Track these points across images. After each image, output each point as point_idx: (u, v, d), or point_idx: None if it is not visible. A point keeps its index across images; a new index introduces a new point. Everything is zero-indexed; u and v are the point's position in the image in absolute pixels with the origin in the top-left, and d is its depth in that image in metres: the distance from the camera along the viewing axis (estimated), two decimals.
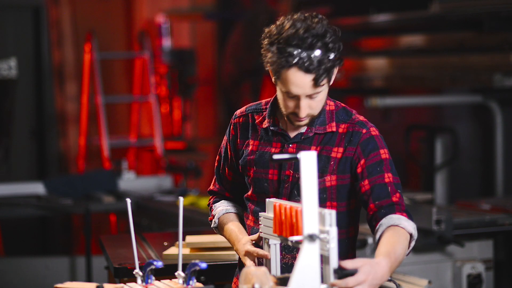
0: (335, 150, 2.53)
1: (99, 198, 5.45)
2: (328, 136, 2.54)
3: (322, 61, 2.37)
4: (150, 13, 7.49)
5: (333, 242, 2.10)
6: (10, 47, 7.36)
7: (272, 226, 2.33)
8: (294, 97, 2.43)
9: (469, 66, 4.94)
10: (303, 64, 2.36)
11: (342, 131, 2.55)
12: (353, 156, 2.51)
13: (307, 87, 2.39)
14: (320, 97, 2.45)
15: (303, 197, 2.11)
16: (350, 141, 2.53)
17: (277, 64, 2.40)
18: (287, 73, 2.38)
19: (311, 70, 2.36)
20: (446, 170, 5.28)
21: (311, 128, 2.54)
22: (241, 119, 2.66)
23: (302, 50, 2.37)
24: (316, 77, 2.36)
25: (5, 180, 6.24)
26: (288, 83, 2.39)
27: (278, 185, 2.56)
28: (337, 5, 6.29)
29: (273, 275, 2.31)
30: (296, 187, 2.53)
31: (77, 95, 7.46)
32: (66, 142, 7.52)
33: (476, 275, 4.06)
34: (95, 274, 5.03)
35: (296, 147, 2.55)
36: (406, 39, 5.51)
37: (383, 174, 2.52)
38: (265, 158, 2.58)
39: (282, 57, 2.38)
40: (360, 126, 2.56)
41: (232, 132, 2.67)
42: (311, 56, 2.36)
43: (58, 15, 7.47)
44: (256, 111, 2.65)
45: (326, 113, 2.56)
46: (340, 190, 2.53)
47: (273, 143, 2.58)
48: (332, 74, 2.44)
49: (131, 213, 2.41)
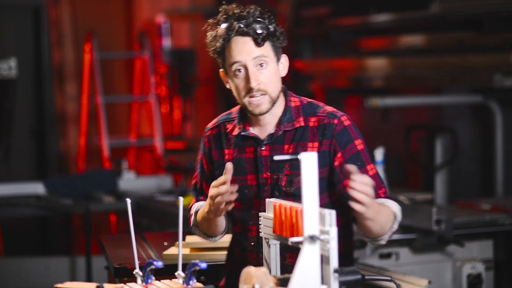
0: (310, 146, 2.56)
1: (99, 198, 5.45)
2: (299, 132, 2.57)
3: (259, 26, 2.49)
4: (150, 13, 7.49)
5: (333, 242, 2.10)
6: (10, 47, 7.36)
7: (272, 226, 2.34)
8: (243, 70, 2.50)
9: (469, 66, 4.94)
10: (242, 30, 2.49)
11: (313, 124, 2.58)
12: (330, 149, 2.55)
13: (250, 50, 2.48)
14: (269, 72, 2.51)
15: (304, 197, 2.11)
16: (323, 134, 2.56)
17: (221, 43, 2.51)
18: (230, 45, 2.50)
19: (250, 33, 2.48)
20: (446, 170, 5.28)
21: (279, 126, 2.57)
22: (214, 130, 2.68)
23: (239, 21, 2.50)
24: (255, 37, 2.48)
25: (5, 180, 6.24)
26: (233, 53, 2.50)
27: (258, 189, 2.58)
28: (337, 5, 6.29)
29: (273, 276, 2.31)
30: (276, 188, 2.56)
31: (77, 95, 7.46)
32: (66, 142, 7.52)
33: (476, 275, 4.06)
34: (95, 274, 5.03)
35: (269, 148, 2.58)
36: (406, 39, 5.51)
37: (365, 168, 2.56)
38: (241, 165, 2.60)
39: (223, 35, 2.50)
40: (330, 117, 2.59)
41: (207, 145, 2.68)
42: (248, 23, 2.49)
43: (58, 15, 7.47)
44: (227, 121, 2.68)
45: (292, 110, 2.60)
46: (320, 183, 2.55)
47: (246, 148, 2.61)
48: (278, 49, 2.54)
49: (131, 213, 2.42)
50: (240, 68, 2.51)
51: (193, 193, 2.76)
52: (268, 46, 2.51)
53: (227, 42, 2.52)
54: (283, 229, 2.26)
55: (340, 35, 6.43)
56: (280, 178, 2.56)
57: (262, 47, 2.50)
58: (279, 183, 2.56)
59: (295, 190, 2.55)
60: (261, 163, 2.58)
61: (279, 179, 2.56)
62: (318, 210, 2.12)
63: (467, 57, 4.98)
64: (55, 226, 7.42)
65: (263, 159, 2.58)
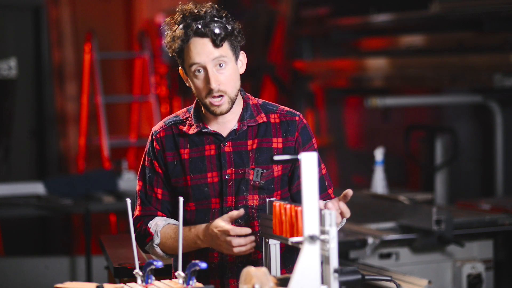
0: (275, 141, 2.60)
1: (99, 198, 5.45)
2: (262, 128, 2.61)
3: (217, 26, 2.51)
4: (150, 13, 7.49)
5: (333, 242, 2.10)
6: (10, 47, 7.36)
7: (272, 226, 2.34)
8: (202, 71, 2.51)
9: (469, 66, 4.94)
10: (200, 31, 2.50)
11: (274, 121, 2.63)
12: (295, 145, 2.61)
13: (209, 51, 2.50)
14: (228, 72, 2.53)
15: (304, 197, 2.11)
16: (288, 130, 2.62)
17: (179, 44, 2.52)
18: (189, 47, 2.51)
19: (208, 34, 2.49)
20: (446, 170, 5.28)
21: (242, 122, 2.60)
22: (163, 133, 2.66)
23: (197, 21, 2.51)
24: (214, 38, 2.49)
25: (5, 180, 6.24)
26: (191, 55, 2.51)
27: (221, 186, 2.58)
28: (337, 5, 6.29)
29: (273, 276, 2.31)
30: (243, 183, 2.57)
31: (77, 95, 7.46)
32: (66, 142, 7.52)
33: (476, 275, 4.06)
34: (95, 274, 5.03)
35: (232, 144, 2.59)
36: (406, 39, 5.51)
37: (320, 166, 2.65)
38: (200, 163, 2.59)
39: (181, 36, 2.51)
40: (291, 115, 2.65)
41: (157, 148, 2.64)
42: (206, 23, 2.50)
43: (58, 15, 7.47)
44: (176, 123, 2.66)
45: (252, 107, 2.63)
46: (283, 178, 2.62)
47: (206, 145, 2.60)
48: (236, 47, 2.56)
49: (131, 213, 2.42)
50: (199, 68, 2.52)
51: (140, 200, 2.68)
52: (227, 46, 2.53)
53: (185, 43, 2.52)
54: (283, 230, 2.27)
55: (340, 35, 6.43)
56: (247, 172, 2.57)
57: (221, 48, 2.51)
58: (246, 177, 2.57)
59: (264, 184, 2.58)
60: (224, 159, 2.58)
61: (245, 173, 2.57)
62: (318, 210, 2.12)
63: (467, 57, 4.98)
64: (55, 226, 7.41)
65: (227, 155, 2.58)
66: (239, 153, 2.59)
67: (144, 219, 2.66)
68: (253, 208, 2.58)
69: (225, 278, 2.59)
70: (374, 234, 3.99)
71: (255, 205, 2.58)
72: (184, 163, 2.60)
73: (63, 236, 7.39)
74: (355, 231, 4.06)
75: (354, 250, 3.91)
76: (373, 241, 3.90)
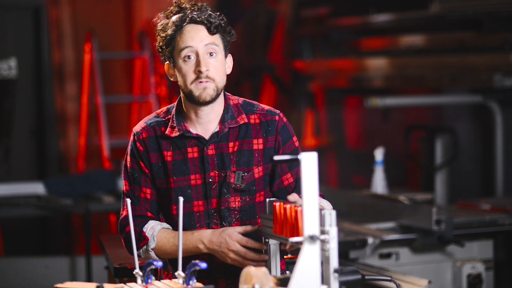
0: (255, 142, 2.61)
1: (99, 198, 5.45)
2: (243, 130, 2.61)
3: (212, 16, 2.57)
4: (150, 13, 7.48)
5: (333, 242, 2.10)
6: (10, 47, 7.36)
7: (272, 226, 2.34)
8: (192, 57, 2.54)
9: (469, 66, 4.94)
10: (195, 19, 2.55)
11: (254, 121, 2.63)
12: (275, 145, 2.62)
13: (202, 37, 2.54)
14: (217, 62, 2.56)
15: (304, 197, 2.11)
16: (268, 131, 2.62)
17: (173, 30, 2.57)
18: (182, 32, 2.56)
19: (204, 21, 2.55)
20: (446, 170, 5.28)
21: (224, 124, 2.59)
22: (145, 134, 2.64)
23: (192, 11, 2.58)
24: (208, 25, 2.54)
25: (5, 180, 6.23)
26: (185, 39, 2.55)
27: (204, 189, 2.58)
28: (337, 5, 6.29)
29: (273, 276, 2.31)
30: (224, 186, 2.58)
31: (77, 95, 7.45)
32: (66, 142, 7.51)
33: (476, 275, 4.06)
34: (95, 274, 5.03)
35: (214, 147, 2.59)
36: (406, 39, 5.51)
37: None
38: (183, 166, 2.59)
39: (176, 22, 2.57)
40: (271, 114, 2.65)
41: (141, 149, 2.63)
42: (201, 12, 2.57)
43: (58, 15, 7.47)
44: (158, 124, 2.65)
45: (232, 107, 2.64)
46: (265, 178, 2.62)
47: (188, 148, 2.60)
48: (226, 44, 2.60)
49: (131, 213, 2.42)
50: (190, 54, 2.54)
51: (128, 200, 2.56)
52: (219, 37, 2.58)
53: (179, 29, 2.57)
54: (283, 230, 2.27)
55: (340, 35, 6.43)
56: (228, 175, 2.58)
57: (214, 36, 2.56)
58: (227, 180, 2.58)
59: (245, 186, 2.58)
60: (208, 162, 2.58)
61: (227, 176, 2.57)
62: (318, 210, 2.12)
63: (467, 57, 4.98)
64: (55, 226, 7.41)
65: (210, 158, 2.58)
66: (221, 155, 2.59)
67: (135, 221, 2.61)
68: (235, 210, 2.59)
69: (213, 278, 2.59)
70: (374, 234, 3.99)
71: (237, 206, 2.59)
72: (167, 165, 2.60)
73: (63, 236, 7.39)
74: (355, 231, 4.06)
75: (354, 250, 3.91)
76: (373, 241, 3.90)
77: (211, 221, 2.59)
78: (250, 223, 2.58)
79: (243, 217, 2.59)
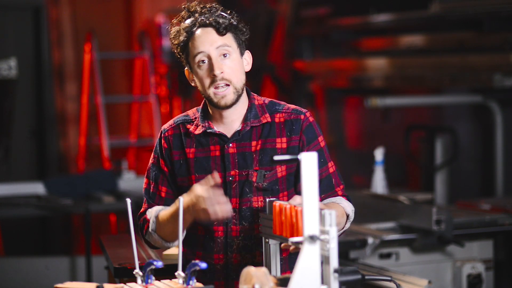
0: (279, 141, 2.59)
1: (99, 198, 5.45)
2: (266, 129, 2.60)
3: (221, 16, 2.55)
4: (150, 13, 7.48)
5: (333, 242, 2.10)
6: (10, 47, 7.36)
7: (272, 226, 2.34)
8: (206, 61, 2.53)
9: (469, 66, 4.94)
10: (204, 22, 2.53)
11: (279, 120, 2.62)
12: (299, 144, 2.60)
13: (212, 40, 2.53)
14: (232, 63, 2.55)
15: (304, 197, 2.11)
16: (292, 129, 2.61)
17: (185, 37, 2.55)
18: (194, 37, 2.54)
19: (212, 24, 2.53)
20: (446, 170, 5.28)
21: (246, 122, 2.59)
22: (171, 131, 2.66)
23: (201, 14, 2.56)
24: (217, 27, 2.53)
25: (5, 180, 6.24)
26: (196, 44, 2.54)
27: (224, 187, 2.57)
28: (337, 5, 6.29)
29: (273, 276, 2.31)
30: (246, 185, 2.57)
31: (77, 95, 7.46)
32: (66, 142, 7.52)
33: (476, 275, 4.06)
34: (95, 274, 5.03)
35: (236, 146, 2.58)
36: (406, 39, 5.51)
37: (327, 164, 2.63)
38: (205, 163, 2.59)
39: (186, 28, 2.55)
40: (296, 113, 2.64)
41: (165, 146, 2.65)
42: (211, 13, 2.55)
43: (58, 15, 7.47)
44: (185, 122, 2.66)
45: (257, 107, 2.63)
46: (288, 178, 2.60)
47: (211, 146, 2.60)
48: (241, 42, 2.59)
49: (131, 213, 2.42)
50: (203, 59, 2.53)
51: (146, 197, 2.69)
52: (231, 37, 2.56)
53: (190, 35, 2.55)
54: (283, 230, 2.27)
55: (340, 35, 6.43)
56: (250, 174, 2.57)
57: (225, 37, 2.54)
58: (249, 179, 2.57)
59: (267, 185, 2.57)
60: (228, 161, 2.57)
61: (249, 175, 2.57)
62: (318, 210, 2.12)
63: (467, 57, 4.98)
64: (55, 226, 7.41)
65: (230, 156, 2.58)
66: (243, 154, 2.58)
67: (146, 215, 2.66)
68: (259, 210, 2.57)
69: (229, 279, 2.58)
70: (374, 234, 3.99)
71: (260, 207, 2.57)
72: (190, 162, 2.60)
73: (63, 236, 7.39)
74: (355, 231, 4.06)
75: (354, 250, 3.91)
76: (373, 241, 3.90)
77: (230, 220, 2.57)
78: None
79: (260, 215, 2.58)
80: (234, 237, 2.57)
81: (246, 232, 2.57)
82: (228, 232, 2.57)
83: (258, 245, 2.56)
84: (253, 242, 2.57)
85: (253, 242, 2.57)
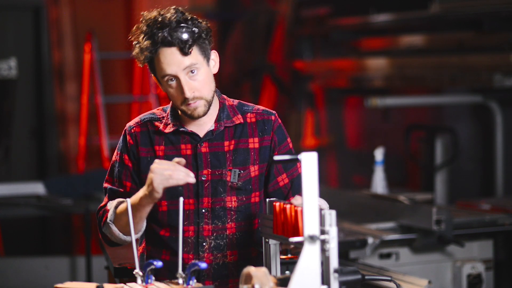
0: (251, 141, 2.59)
1: (99, 198, 5.45)
2: (239, 129, 2.60)
3: (184, 31, 2.44)
4: None
5: (333, 242, 2.10)
6: (10, 47, 7.36)
7: (272, 226, 2.34)
8: (175, 80, 2.47)
9: (469, 66, 4.94)
10: (167, 41, 2.43)
11: (250, 120, 2.62)
12: (271, 144, 2.61)
13: (178, 62, 2.45)
14: (201, 77, 2.49)
15: (304, 197, 2.11)
16: (264, 130, 2.61)
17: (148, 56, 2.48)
18: (158, 57, 2.47)
19: (175, 43, 2.43)
20: (446, 170, 5.28)
21: (219, 122, 2.58)
22: (138, 128, 2.62)
23: (162, 30, 2.44)
24: (181, 46, 2.43)
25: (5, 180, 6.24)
26: (162, 66, 2.47)
27: (196, 187, 2.55)
28: (337, 5, 6.29)
29: (273, 276, 2.31)
30: (220, 184, 2.56)
31: (77, 95, 7.46)
32: (66, 142, 7.52)
33: (476, 275, 4.06)
34: (95, 274, 5.03)
35: (208, 145, 2.57)
36: (406, 39, 5.51)
37: (296, 165, 2.63)
38: None
39: (148, 47, 2.47)
40: (267, 114, 2.64)
41: (131, 142, 2.60)
42: (172, 30, 2.43)
43: (58, 15, 7.47)
44: (153, 119, 2.63)
45: (228, 108, 2.62)
46: (260, 179, 2.61)
47: (182, 145, 2.58)
48: (206, 49, 2.50)
49: (131, 213, 2.42)
50: (171, 78, 2.48)
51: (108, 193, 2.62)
52: (196, 51, 2.47)
53: (154, 54, 2.48)
54: (284, 230, 2.27)
55: (340, 35, 6.43)
56: (224, 174, 2.56)
57: (190, 55, 2.46)
58: (223, 179, 2.56)
59: (241, 184, 2.57)
60: (201, 160, 2.56)
61: (223, 175, 2.56)
62: (318, 210, 2.12)
63: (467, 57, 4.98)
64: (55, 226, 7.42)
65: (203, 156, 2.56)
66: (216, 154, 2.57)
67: None
68: (232, 210, 2.56)
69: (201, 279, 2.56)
70: (374, 234, 3.99)
71: (233, 206, 2.57)
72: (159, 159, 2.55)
73: (63, 236, 7.39)
74: (355, 231, 4.06)
75: (354, 250, 3.91)
76: (373, 241, 3.90)
77: (201, 220, 2.55)
78: (245, 224, 2.58)
79: (238, 217, 2.57)
80: (206, 236, 2.56)
81: (218, 232, 2.56)
82: (199, 232, 2.56)
83: (230, 245, 2.57)
84: (225, 242, 2.57)
85: (225, 241, 2.57)
